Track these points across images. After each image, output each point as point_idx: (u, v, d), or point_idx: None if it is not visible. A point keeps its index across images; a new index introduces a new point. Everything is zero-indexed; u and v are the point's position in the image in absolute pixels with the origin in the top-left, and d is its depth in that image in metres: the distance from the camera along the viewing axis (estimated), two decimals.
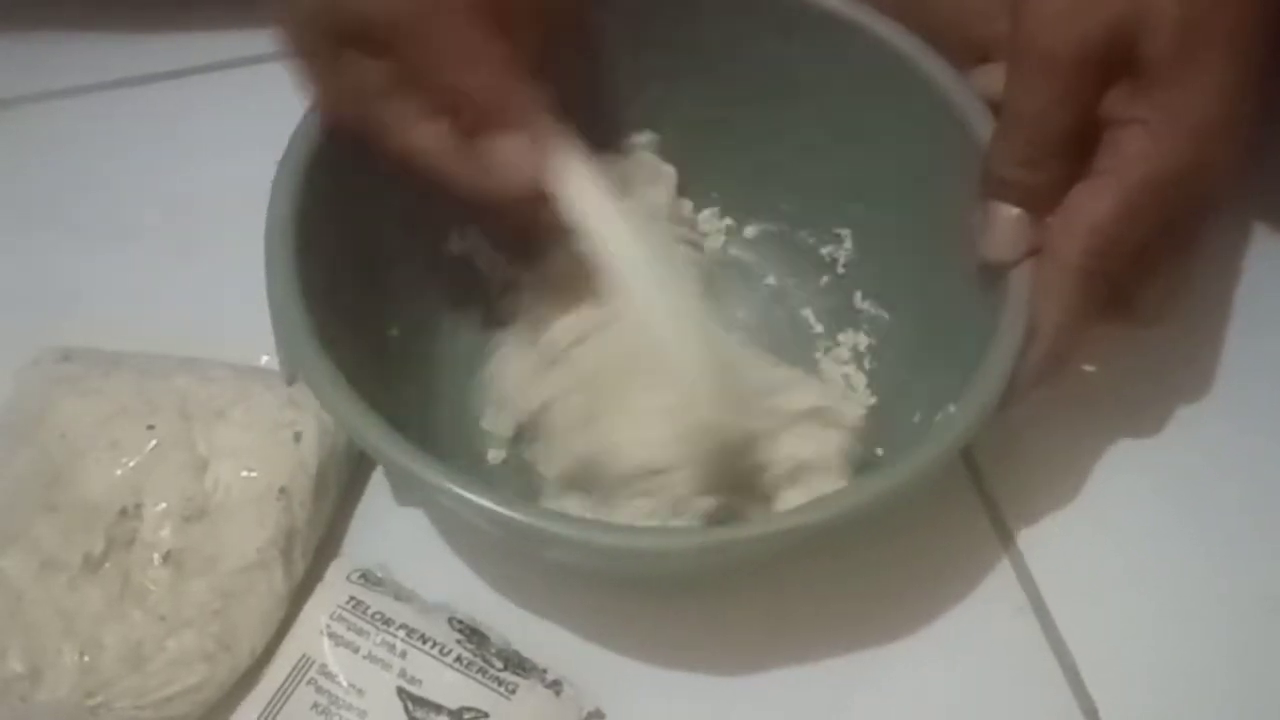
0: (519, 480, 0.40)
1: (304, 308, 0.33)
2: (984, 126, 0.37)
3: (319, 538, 0.38)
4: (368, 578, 0.37)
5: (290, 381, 0.34)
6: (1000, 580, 0.40)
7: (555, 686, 0.35)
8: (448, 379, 0.42)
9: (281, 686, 0.35)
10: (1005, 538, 0.40)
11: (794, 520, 0.31)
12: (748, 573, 0.39)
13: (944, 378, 0.38)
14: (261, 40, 0.51)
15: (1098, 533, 0.41)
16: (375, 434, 0.31)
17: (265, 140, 0.36)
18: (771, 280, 0.46)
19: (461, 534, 0.39)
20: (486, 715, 0.34)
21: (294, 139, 0.36)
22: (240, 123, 0.49)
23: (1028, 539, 0.40)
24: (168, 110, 0.50)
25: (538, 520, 0.31)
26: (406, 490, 0.40)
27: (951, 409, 0.35)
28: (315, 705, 0.34)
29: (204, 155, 0.48)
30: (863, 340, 0.44)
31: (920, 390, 0.39)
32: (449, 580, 0.38)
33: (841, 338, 0.44)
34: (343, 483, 0.40)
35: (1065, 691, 0.37)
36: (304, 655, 0.35)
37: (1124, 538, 0.40)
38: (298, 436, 0.38)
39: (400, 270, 0.41)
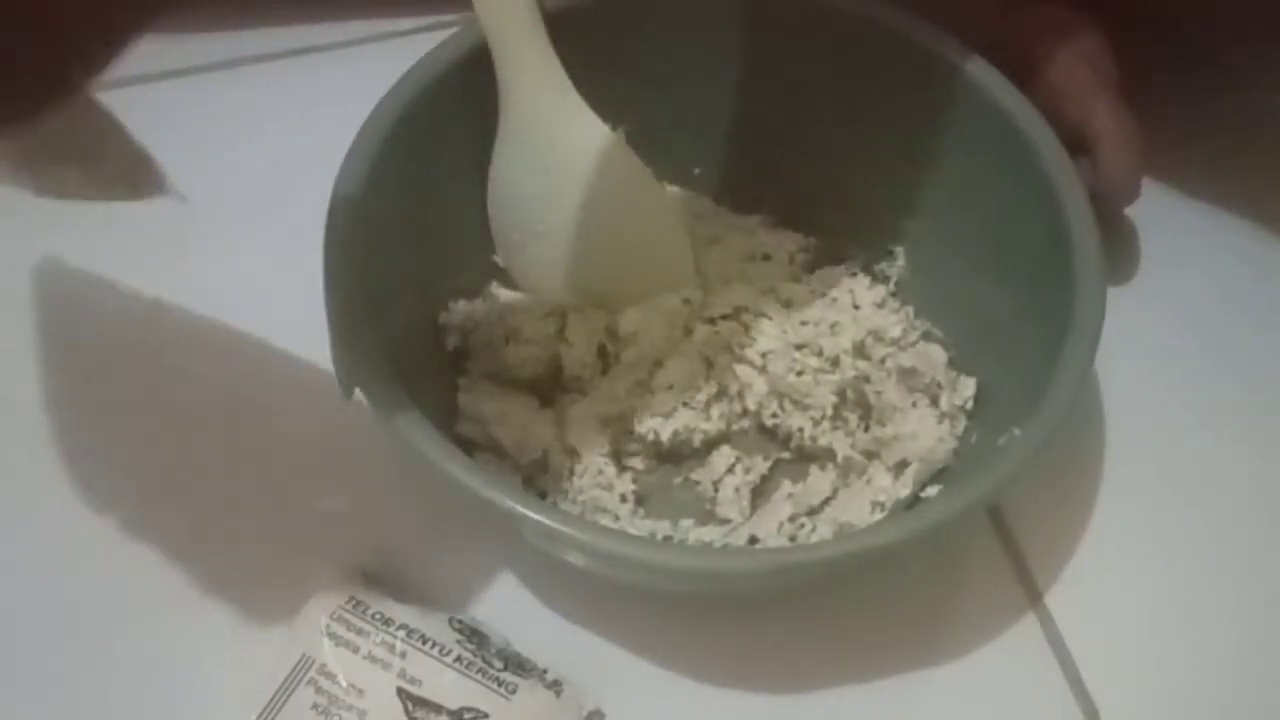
0: None
1: (359, 319, 0.33)
2: (1047, 144, 0.37)
3: None
4: (368, 578, 0.37)
5: (349, 395, 0.34)
6: (1001, 581, 0.39)
7: (555, 687, 0.35)
8: None
9: (281, 686, 0.35)
10: (1008, 540, 0.40)
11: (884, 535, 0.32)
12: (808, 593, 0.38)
13: (1003, 398, 0.38)
14: (264, 39, 0.52)
15: (1100, 533, 0.40)
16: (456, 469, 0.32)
17: (265, 138, 0.36)
18: None
19: (460, 535, 0.39)
20: (486, 715, 0.34)
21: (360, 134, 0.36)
22: (241, 122, 0.49)
23: (1030, 540, 0.40)
24: (169, 109, 0.50)
25: (623, 547, 0.31)
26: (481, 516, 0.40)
27: (1016, 432, 0.34)
28: (315, 705, 0.34)
29: (203, 154, 0.48)
30: None
31: (977, 410, 0.39)
32: (450, 581, 0.38)
33: None
34: None
35: (1066, 693, 0.37)
36: (304, 655, 0.35)
37: (1126, 539, 0.40)
38: None
39: (451, 278, 0.41)
